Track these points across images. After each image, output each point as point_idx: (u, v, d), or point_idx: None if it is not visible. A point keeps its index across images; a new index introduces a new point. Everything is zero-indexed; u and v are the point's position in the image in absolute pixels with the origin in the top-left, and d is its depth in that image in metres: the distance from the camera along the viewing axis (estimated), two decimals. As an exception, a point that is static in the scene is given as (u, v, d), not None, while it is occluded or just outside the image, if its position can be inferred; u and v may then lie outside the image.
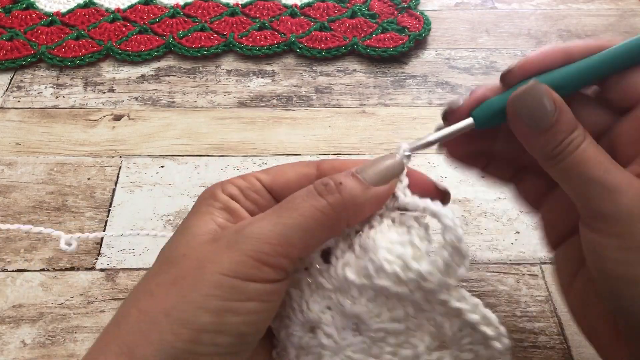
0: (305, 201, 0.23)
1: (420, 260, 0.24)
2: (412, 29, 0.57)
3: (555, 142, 0.23)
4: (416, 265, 0.23)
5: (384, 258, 0.24)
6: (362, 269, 0.24)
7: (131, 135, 0.47)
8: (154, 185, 0.43)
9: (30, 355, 0.33)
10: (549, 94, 0.23)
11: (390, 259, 0.24)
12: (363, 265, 0.24)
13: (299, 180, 0.25)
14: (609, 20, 0.60)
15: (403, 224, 0.25)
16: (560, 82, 0.24)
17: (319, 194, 0.23)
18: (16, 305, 0.35)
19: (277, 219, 0.22)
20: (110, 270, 0.37)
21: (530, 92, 0.24)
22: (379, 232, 0.25)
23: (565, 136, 0.23)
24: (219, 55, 0.55)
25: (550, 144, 0.23)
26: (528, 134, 0.24)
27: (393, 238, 0.24)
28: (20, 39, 0.55)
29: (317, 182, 0.24)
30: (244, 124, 0.48)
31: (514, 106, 0.24)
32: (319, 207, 0.23)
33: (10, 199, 0.42)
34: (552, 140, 0.23)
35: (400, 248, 0.24)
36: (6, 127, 0.47)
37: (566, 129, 0.23)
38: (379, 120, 0.49)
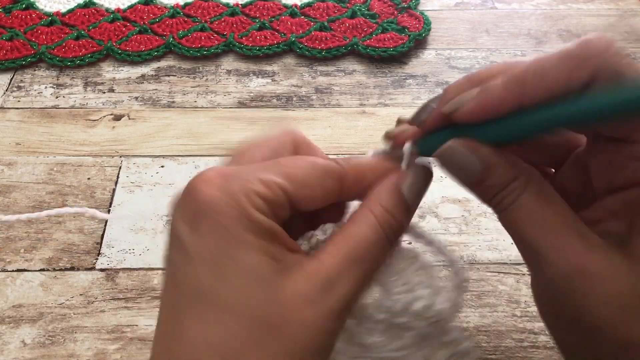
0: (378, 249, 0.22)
1: (438, 299, 0.25)
2: (412, 29, 0.57)
3: (489, 195, 0.22)
4: (439, 306, 0.25)
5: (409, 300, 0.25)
6: (384, 306, 0.25)
7: (131, 135, 0.47)
8: (154, 185, 0.43)
9: (30, 355, 0.33)
10: (473, 150, 0.22)
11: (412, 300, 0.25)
12: (386, 304, 0.25)
13: (325, 198, 0.23)
14: (609, 20, 0.60)
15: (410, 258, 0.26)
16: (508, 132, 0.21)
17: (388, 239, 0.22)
18: (16, 305, 0.35)
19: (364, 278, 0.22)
20: (110, 270, 0.37)
21: (448, 151, 0.22)
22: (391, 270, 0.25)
23: (498, 191, 0.22)
24: (219, 55, 0.55)
25: (485, 197, 0.22)
26: (464, 183, 0.23)
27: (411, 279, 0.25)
28: (20, 39, 0.55)
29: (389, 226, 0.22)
30: (244, 124, 0.48)
31: (440, 161, 0.23)
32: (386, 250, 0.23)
33: (10, 199, 0.42)
34: (486, 193, 0.22)
35: (421, 289, 0.25)
36: (6, 127, 0.47)
37: (498, 183, 0.21)
38: (379, 120, 0.49)
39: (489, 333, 0.35)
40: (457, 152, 0.22)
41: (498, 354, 0.34)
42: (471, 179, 0.22)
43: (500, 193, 0.22)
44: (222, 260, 0.20)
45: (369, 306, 0.25)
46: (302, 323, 0.20)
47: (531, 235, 0.21)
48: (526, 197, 0.21)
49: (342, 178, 0.23)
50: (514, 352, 0.34)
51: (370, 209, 0.22)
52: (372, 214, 0.22)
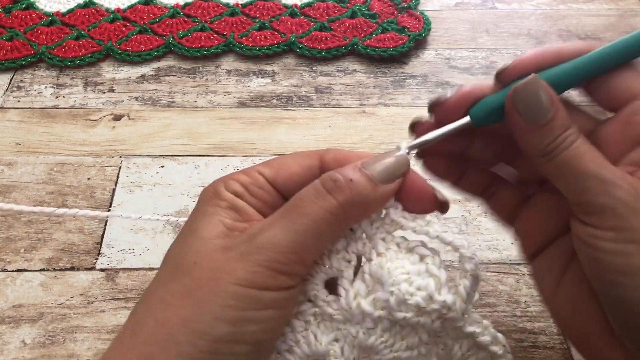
0: (314, 203, 0.22)
1: (442, 290, 0.24)
2: (412, 29, 0.57)
3: (552, 137, 0.24)
4: (441, 296, 0.24)
5: (406, 291, 0.23)
6: (380, 301, 0.24)
7: (131, 135, 0.47)
8: (154, 185, 0.43)
9: (30, 355, 0.33)
10: (547, 89, 0.24)
11: (412, 291, 0.24)
12: (382, 298, 0.24)
13: (303, 173, 0.25)
14: (609, 20, 0.60)
15: (412, 250, 0.25)
16: (553, 80, 0.24)
17: (328, 191, 0.23)
18: (16, 305, 0.35)
19: (289, 225, 0.22)
20: (110, 270, 0.37)
21: (530, 86, 0.24)
22: (389, 261, 0.24)
23: (561, 132, 0.23)
24: (219, 55, 0.55)
25: (546, 139, 0.24)
26: (525, 129, 0.24)
27: (410, 269, 0.24)
28: (20, 38, 0.55)
29: (325, 178, 0.23)
30: (244, 124, 0.48)
31: (514, 100, 0.24)
32: (329, 209, 0.22)
33: (10, 199, 0.42)
34: (549, 135, 0.24)
35: (420, 280, 0.24)
36: (6, 127, 0.47)
37: (562, 125, 0.24)
38: (379, 120, 0.49)
39: (489, 333, 0.35)
40: (535, 89, 0.24)
41: (498, 354, 0.34)
42: (542, 118, 0.24)
43: (563, 134, 0.23)
44: (185, 233, 0.24)
45: (364, 302, 0.24)
46: (210, 267, 0.22)
47: (594, 166, 0.23)
48: (583, 139, 0.24)
49: (320, 157, 0.25)
50: (514, 352, 0.34)
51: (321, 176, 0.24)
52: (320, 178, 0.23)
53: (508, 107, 0.24)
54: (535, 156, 0.24)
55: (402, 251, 0.25)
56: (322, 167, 0.25)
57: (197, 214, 0.24)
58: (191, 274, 0.22)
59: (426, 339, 0.25)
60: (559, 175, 0.24)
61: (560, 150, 0.23)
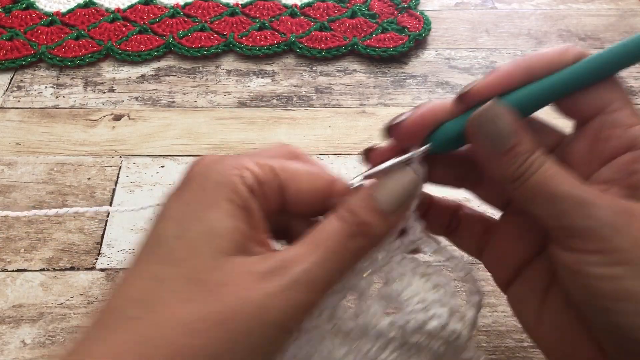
0: (345, 243, 0.22)
1: (452, 319, 0.25)
2: (412, 29, 0.57)
3: (517, 162, 0.23)
4: (452, 325, 0.24)
5: (422, 320, 0.24)
6: (397, 324, 0.25)
7: (131, 135, 0.47)
8: (154, 185, 0.43)
9: (30, 355, 0.33)
10: (507, 115, 0.23)
11: (427, 319, 0.24)
12: (398, 323, 0.25)
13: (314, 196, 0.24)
14: (609, 20, 0.60)
15: (428, 277, 0.25)
16: (520, 103, 0.23)
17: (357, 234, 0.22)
18: (16, 305, 0.35)
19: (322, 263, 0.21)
20: (111, 270, 0.37)
21: (489, 113, 0.23)
22: (406, 288, 0.25)
23: (527, 157, 0.23)
24: (219, 55, 0.55)
25: (512, 165, 0.23)
26: (489, 156, 0.23)
27: (427, 297, 0.25)
28: (20, 38, 0.55)
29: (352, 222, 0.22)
30: (244, 124, 0.48)
31: (473, 128, 0.23)
32: (355, 252, 0.22)
33: (10, 199, 0.42)
34: (514, 161, 0.23)
35: (436, 309, 0.24)
36: (6, 127, 0.47)
37: (527, 150, 0.23)
38: (379, 120, 0.49)
39: (489, 333, 0.35)
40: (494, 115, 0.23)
41: (498, 354, 0.34)
42: (504, 145, 0.23)
43: (529, 157, 0.22)
44: (189, 217, 0.21)
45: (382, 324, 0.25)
46: (245, 297, 0.20)
47: (567, 187, 0.22)
48: (551, 160, 0.23)
49: (332, 182, 0.24)
50: (514, 352, 0.34)
51: (337, 210, 0.23)
52: (337, 213, 0.23)
53: (469, 134, 0.23)
54: (504, 183, 0.23)
55: (418, 275, 0.25)
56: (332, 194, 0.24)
57: (206, 200, 0.21)
58: (221, 299, 0.20)
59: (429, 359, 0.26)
60: (531, 201, 0.23)
61: (529, 175, 0.22)
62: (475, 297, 0.25)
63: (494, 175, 0.24)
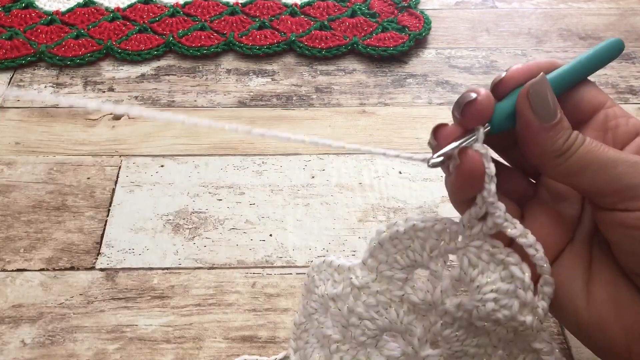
0: None
1: (524, 311, 0.25)
2: (412, 28, 0.57)
3: (565, 136, 0.24)
4: (522, 317, 0.25)
5: (491, 308, 0.25)
6: (464, 307, 0.25)
7: (131, 135, 0.47)
8: (154, 184, 0.43)
9: (30, 355, 0.33)
10: (551, 91, 0.24)
11: (497, 309, 0.25)
12: (467, 307, 0.25)
13: None
14: (610, 19, 0.60)
15: (505, 266, 0.25)
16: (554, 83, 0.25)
17: None
18: (16, 305, 0.35)
19: None
20: (110, 270, 0.37)
21: (540, 85, 0.24)
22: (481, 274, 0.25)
23: (571, 131, 0.24)
24: (219, 55, 0.55)
25: (561, 137, 0.24)
26: (538, 129, 0.24)
27: (499, 286, 0.25)
28: (20, 38, 0.55)
29: None
30: (244, 124, 0.48)
31: (525, 99, 0.24)
32: None
33: (10, 199, 0.41)
34: (562, 134, 0.24)
35: (507, 299, 0.25)
36: (6, 126, 0.47)
37: (568, 126, 0.24)
38: (379, 119, 0.49)
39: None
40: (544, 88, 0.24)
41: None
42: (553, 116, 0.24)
43: (573, 132, 0.24)
44: None
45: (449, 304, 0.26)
46: None
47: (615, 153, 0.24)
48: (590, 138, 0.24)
49: None
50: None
51: None
52: None
53: (520, 108, 0.24)
54: (550, 158, 0.24)
55: (495, 263, 0.25)
56: None
57: None
58: None
59: (495, 343, 0.27)
60: (581, 171, 0.24)
61: (577, 147, 0.24)
62: (548, 288, 0.25)
63: (540, 151, 0.24)
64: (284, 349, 0.33)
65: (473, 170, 0.24)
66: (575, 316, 0.26)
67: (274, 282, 0.37)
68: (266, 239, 0.39)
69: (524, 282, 0.25)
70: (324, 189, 0.43)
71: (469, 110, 0.24)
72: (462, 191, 0.25)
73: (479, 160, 0.24)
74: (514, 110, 0.25)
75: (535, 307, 0.25)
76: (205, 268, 0.38)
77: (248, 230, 0.40)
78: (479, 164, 0.24)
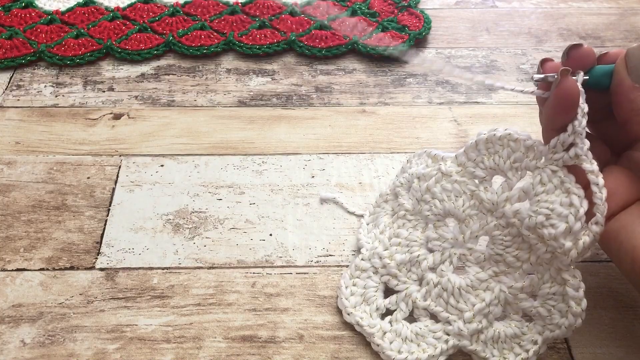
0: None
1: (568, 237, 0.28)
2: (412, 28, 0.57)
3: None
4: (562, 241, 0.28)
5: (540, 222, 0.28)
6: (519, 214, 0.29)
7: (131, 134, 0.47)
8: (154, 184, 0.43)
9: (30, 355, 0.33)
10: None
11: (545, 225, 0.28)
12: (521, 214, 0.29)
13: None
14: (610, 19, 0.60)
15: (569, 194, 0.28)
16: None
17: None
18: (16, 305, 0.35)
19: None
20: (110, 269, 0.37)
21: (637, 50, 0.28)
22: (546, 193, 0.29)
23: None
24: (219, 54, 0.55)
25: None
26: (632, 88, 0.28)
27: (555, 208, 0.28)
28: (20, 37, 0.55)
29: None
30: (244, 123, 0.48)
31: (627, 60, 0.28)
32: None
33: (10, 198, 0.41)
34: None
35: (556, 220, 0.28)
36: (6, 126, 0.47)
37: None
38: (379, 119, 0.49)
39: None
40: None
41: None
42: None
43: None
44: None
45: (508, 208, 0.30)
46: None
47: None
48: None
49: None
50: (514, 351, 0.34)
51: None
52: None
53: (617, 67, 0.28)
54: (638, 114, 0.28)
55: (561, 189, 0.28)
56: None
57: None
58: None
59: (533, 261, 0.31)
60: None
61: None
62: (596, 227, 0.28)
63: (630, 107, 0.28)
64: (284, 348, 0.33)
65: (570, 91, 0.27)
66: (632, 252, 0.28)
67: (274, 282, 0.37)
68: (266, 238, 0.39)
69: (578, 211, 0.28)
70: (324, 189, 0.42)
71: (574, 52, 0.29)
72: (558, 114, 0.28)
73: (576, 84, 0.27)
74: (611, 71, 0.29)
75: (578, 238, 0.28)
76: (205, 268, 0.38)
77: (248, 229, 0.40)
78: (576, 87, 0.27)
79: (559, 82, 0.28)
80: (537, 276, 0.31)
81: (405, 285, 0.34)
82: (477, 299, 0.32)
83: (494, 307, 0.32)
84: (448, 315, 0.32)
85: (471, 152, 0.32)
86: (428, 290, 0.33)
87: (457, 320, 0.32)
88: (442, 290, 0.33)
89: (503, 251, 0.31)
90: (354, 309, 0.34)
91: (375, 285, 0.35)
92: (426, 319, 0.33)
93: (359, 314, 0.33)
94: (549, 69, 0.29)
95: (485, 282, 0.32)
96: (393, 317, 0.34)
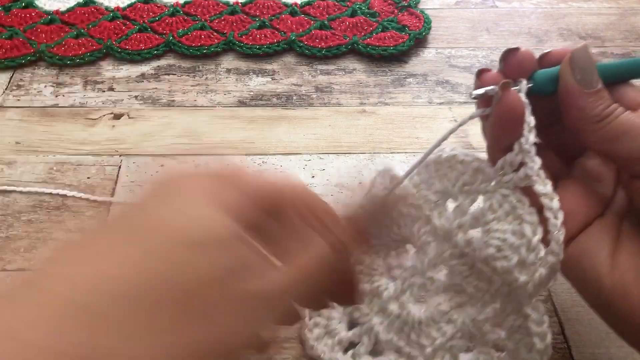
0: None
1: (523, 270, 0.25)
2: (413, 28, 0.57)
3: (605, 103, 0.25)
4: (517, 274, 0.25)
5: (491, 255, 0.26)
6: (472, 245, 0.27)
7: (131, 134, 0.47)
8: (154, 184, 0.43)
9: (30, 355, 0.33)
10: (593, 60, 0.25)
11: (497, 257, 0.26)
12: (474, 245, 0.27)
13: None
14: (610, 19, 0.60)
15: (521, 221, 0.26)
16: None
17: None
18: (16, 305, 0.35)
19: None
20: (110, 269, 0.37)
21: (584, 51, 0.25)
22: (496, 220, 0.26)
23: (611, 102, 0.25)
24: (219, 54, 0.55)
25: (602, 103, 0.25)
26: (579, 94, 0.25)
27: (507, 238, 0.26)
28: (20, 37, 0.55)
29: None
30: (244, 123, 0.48)
31: (569, 63, 0.25)
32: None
33: (10, 198, 0.41)
34: (602, 101, 0.25)
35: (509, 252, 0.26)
36: (6, 126, 0.47)
37: (609, 97, 0.25)
38: (379, 119, 0.49)
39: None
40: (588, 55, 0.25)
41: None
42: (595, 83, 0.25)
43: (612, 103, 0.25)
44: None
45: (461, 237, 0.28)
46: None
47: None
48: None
49: None
50: (514, 351, 0.34)
51: None
52: None
53: (562, 71, 0.26)
54: (590, 122, 0.25)
55: (513, 216, 0.26)
56: None
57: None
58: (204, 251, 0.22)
59: (493, 292, 0.28)
60: (620, 137, 0.24)
61: (617, 114, 0.25)
62: (551, 257, 0.25)
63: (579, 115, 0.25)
64: (284, 348, 0.33)
65: (513, 107, 0.25)
66: (598, 282, 0.25)
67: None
68: (266, 238, 0.39)
69: (531, 243, 0.25)
70: (324, 189, 0.42)
71: (511, 58, 0.26)
72: (502, 132, 0.26)
73: (519, 98, 0.25)
74: (556, 75, 0.26)
75: (534, 271, 0.25)
76: (206, 268, 0.38)
77: (248, 229, 0.40)
78: (520, 101, 0.25)
79: (500, 98, 0.25)
80: (500, 307, 0.28)
81: (367, 318, 0.32)
82: (439, 333, 0.30)
83: (458, 341, 0.29)
84: (410, 350, 0.31)
85: (424, 173, 0.29)
86: (390, 322, 0.31)
87: (419, 356, 0.30)
88: (403, 324, 0.31)
89: (462, 281, 0.29)
90: (316, 342, 0.32)
91: (339, 317, 0.33)
92: (391, 351, 0.31)
93: (321, 348, 0.32)
94: (488, 80, 0.26)
95: (447, 315, 0.30)
96: (356, 351, 0.32)
